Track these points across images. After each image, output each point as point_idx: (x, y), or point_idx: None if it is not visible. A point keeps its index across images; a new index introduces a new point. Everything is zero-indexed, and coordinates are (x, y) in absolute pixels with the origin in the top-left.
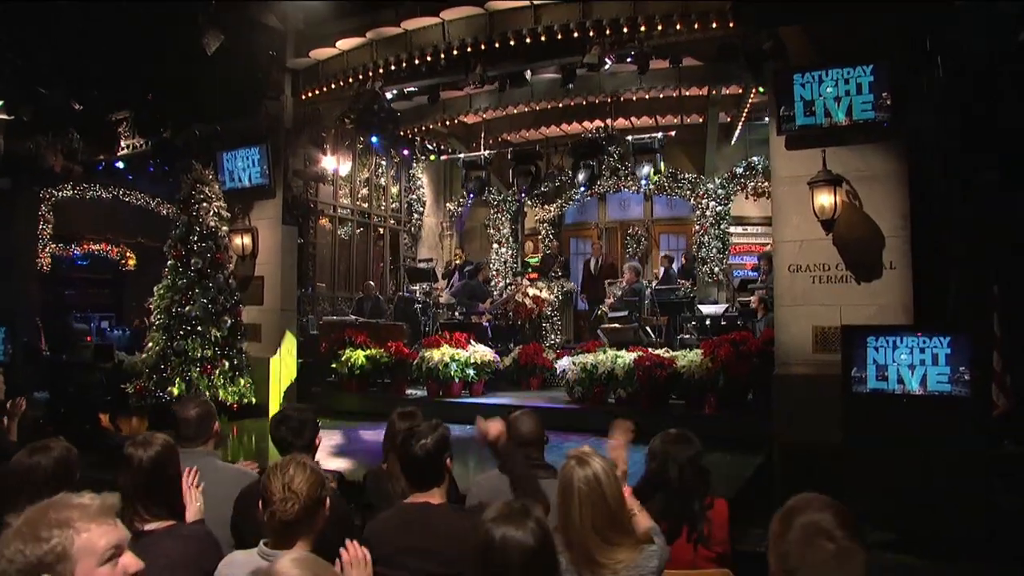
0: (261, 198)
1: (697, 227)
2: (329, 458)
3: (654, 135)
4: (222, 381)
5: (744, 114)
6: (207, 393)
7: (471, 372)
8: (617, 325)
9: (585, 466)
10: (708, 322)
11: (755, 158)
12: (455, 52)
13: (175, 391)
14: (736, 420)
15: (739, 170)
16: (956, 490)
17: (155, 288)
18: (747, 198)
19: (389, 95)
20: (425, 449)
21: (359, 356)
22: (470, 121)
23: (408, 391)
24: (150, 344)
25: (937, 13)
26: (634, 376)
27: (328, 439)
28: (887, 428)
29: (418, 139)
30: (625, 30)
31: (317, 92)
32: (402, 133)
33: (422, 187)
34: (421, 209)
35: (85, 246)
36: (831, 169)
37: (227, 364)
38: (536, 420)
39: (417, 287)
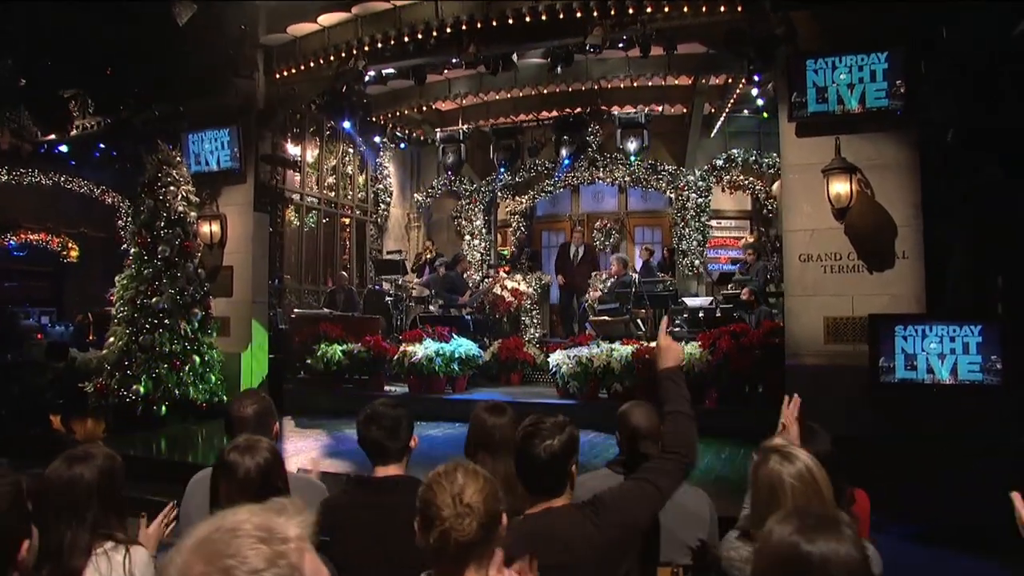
0: (230, 183)
1: (678, 219)
2: (332, 460)
3: (641, 109)
4: (192, 378)
5: (728, 105)
6: (177, 391)
7: (456, 367)
8: (607, 318)
9: (793, 460)
10: (701, 314)
11: (735, 150)
12: (448, 30)
13: (141, 389)
14: (738, 414)
15: (719, 162)
16: (988, 479)
17: (117, 278)
18: (724, 191)
19: (365, 77)
20: (551, 451)
21: (335, 351)
22: (445, 108)
23: (387, 388)
24: (111, 339)
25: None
26: (633, 370)
27: (315, 440)
28: (917, 417)
29: (390, 125)
30: (630, 11)
31: (293, 71)
32: (373, 119)
33: (389, 177)
34: (388, 199)
35: (23, 236)
36: (843, 157)
37: (198, 360)
38: (652, 411)
39: (385, 280)
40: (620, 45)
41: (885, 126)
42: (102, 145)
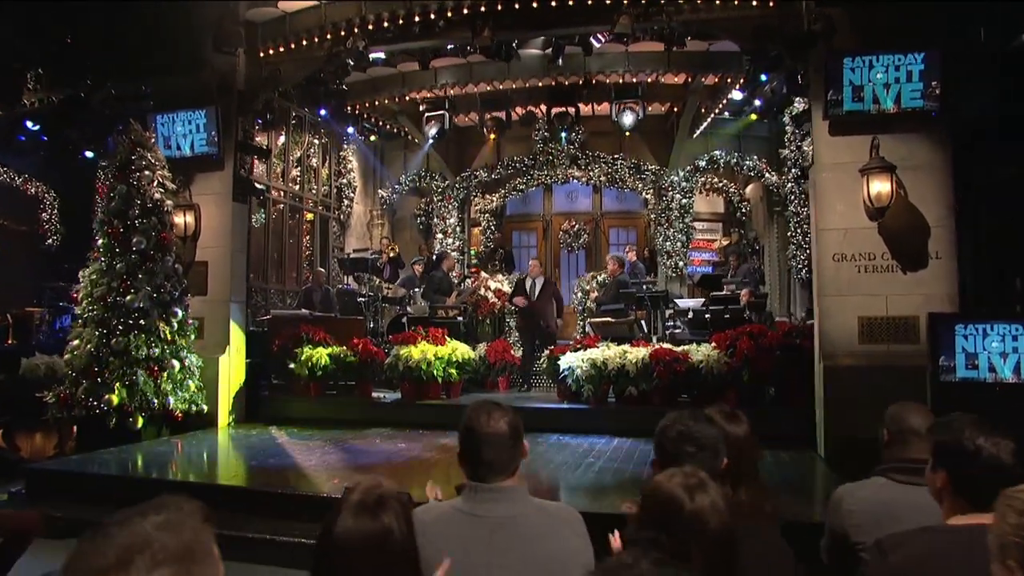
0: (206, 170)
1: (662, 220)
2: (356, 472)
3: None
4: (171, 386)
5: (720, 105)
6: (156, 400)
7: (454, 371)
8: (609, 319)
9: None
10: (707, 316)
11: (717, 152)
12: (466, 11)
13: (115, 399)
14: (761, 416)
15: (702, 163)
16: None
17: (82, 273)
18: (699, 193)
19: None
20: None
21: (321, 355)
22: (421, 97)
23: (375, 394)
24: (76, 342)
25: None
26: (650, 372)
27: (324, 453)
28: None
29: (364, 115)
30: (662, 1)
31: (281, 49)
32: (349, 108)
33: (352, 172)
34: (352, 195)
35: None
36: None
37: (177, 365)
38: (927, 411)
39: (351, 279)
40: (644, 38)
41: (918, 126)
42: (32, 127)
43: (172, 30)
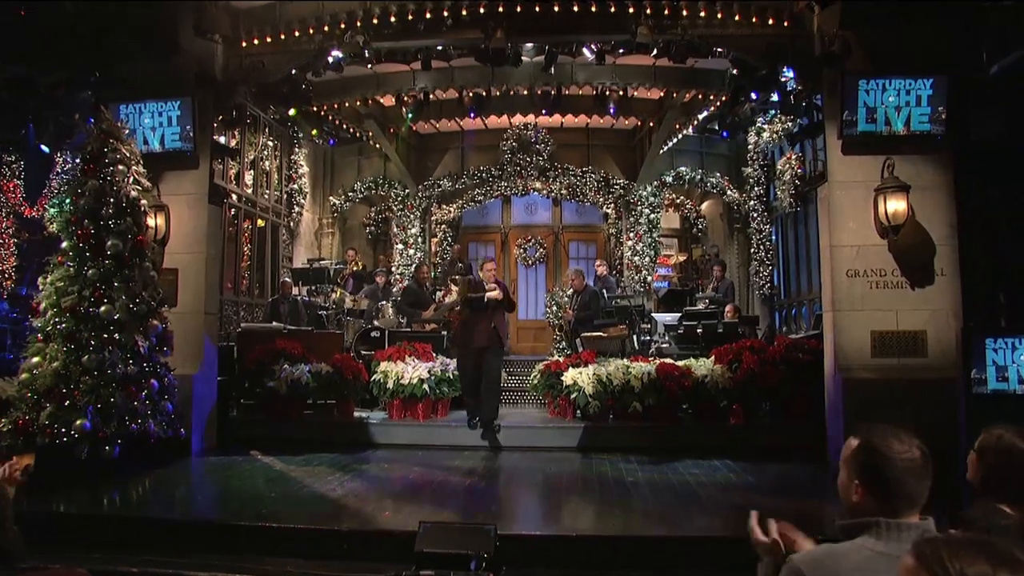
0: (177, 167)
1: (631, 234)
2: (408, 503)
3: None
4: (150, 408)
5: (695, 121)
6: (138, 424)
7: (446, 389)
8: (602, 334)
9: None
10: (700, 331)
11: (682, 168)
12: (482, 10)
13: (88, 423)
14: (766, 429)
15: (669, 179)
16: None
17: (43, 280)
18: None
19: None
20: None
21: (302, 372)
22: (389, 103)
23: (357, 413)
24: (36, 359)
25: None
26: (658, 387)
27: (340, 482)
28: None
29: (330, 118)
30: (685, 13)
31: (268, 39)
32: (315, 108)
33: (304, 177)
34: (303, 201)
35: None
36: (883, 177)
37: (156, 384)
38: None
39: (304, 291)
40: (657, 51)
41: (924, 149)
42: None
43: (143, 7)
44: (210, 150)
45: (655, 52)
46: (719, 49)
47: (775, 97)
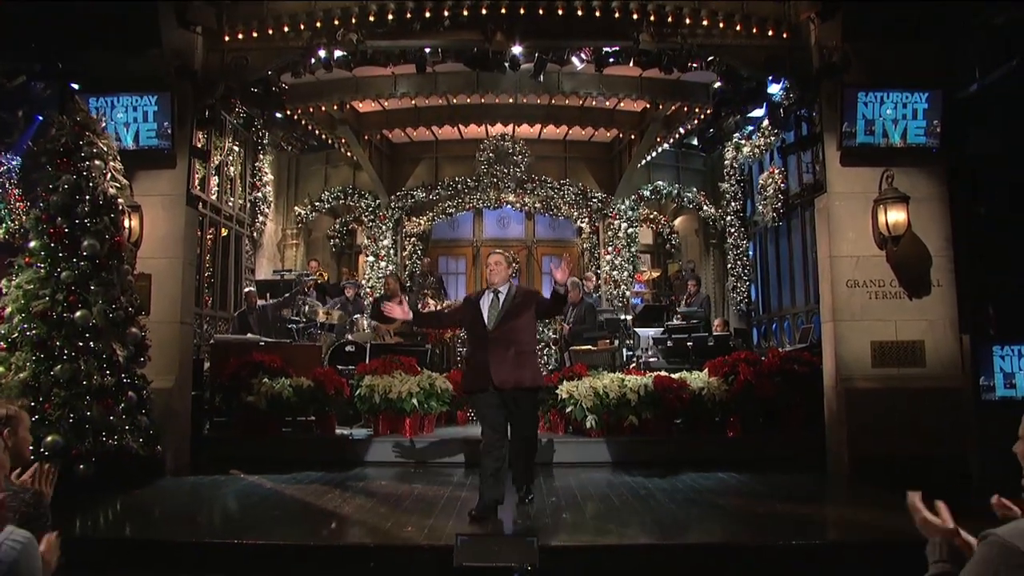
0: (152, 166)
1: (609, 248)
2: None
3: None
4: (129, 423)
5: (678, 134)
6: (115, 441)
7: (434, 404)
8: (592, 348)
9: None
10: (690, 344)
11: (660, 182)
12: (484, 11)
13: (60, 440)
14: (765, 441)
15: (646, 193)
16: None
17: (7, 283)
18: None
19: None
20: None
21: (283, 386)
22: (364, 109)
23: (339, 430)
24: (1, 370)
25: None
26: (656, 400)
27: (346, 501)
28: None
29: (303, 123)
30: (688, 21)
31: (254, 34)
32: (288, 112)
33: (267, 186)
34: (267, 211)
35: None
36: (881, 188)
37: (134, 397)
38: None
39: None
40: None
41: (919, 161)
42: None
43: None
44: (189, 149)
45: (645, 60)
46: (713, 58)
47: (760, 112)
